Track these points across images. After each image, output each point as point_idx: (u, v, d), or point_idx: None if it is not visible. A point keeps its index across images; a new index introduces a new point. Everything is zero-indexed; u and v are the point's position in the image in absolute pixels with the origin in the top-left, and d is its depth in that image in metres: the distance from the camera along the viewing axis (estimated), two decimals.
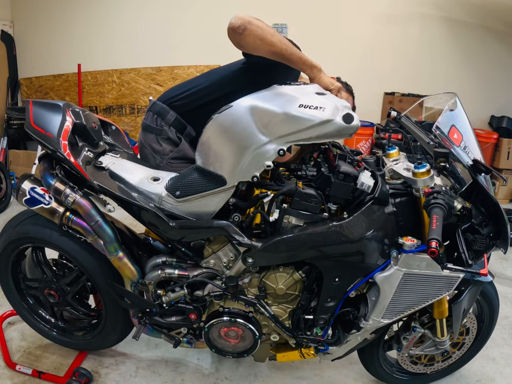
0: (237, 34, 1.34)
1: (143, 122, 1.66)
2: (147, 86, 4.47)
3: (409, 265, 1.27)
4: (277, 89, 1.30)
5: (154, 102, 1.65)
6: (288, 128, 1.21)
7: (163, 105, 1.62)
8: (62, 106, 1.42)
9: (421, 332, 1.50)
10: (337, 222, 1.25)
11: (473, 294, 1.47)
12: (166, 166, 1.59)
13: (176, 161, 1.60)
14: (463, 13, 4.11)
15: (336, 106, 1.21)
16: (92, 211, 1.41)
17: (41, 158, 1.51)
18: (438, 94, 1.53)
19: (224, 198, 1.33)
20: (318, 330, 1.44)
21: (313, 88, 1.34)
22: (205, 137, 1.34)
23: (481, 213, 1.21)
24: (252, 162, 1.25)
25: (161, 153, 1.60)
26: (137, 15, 4.30)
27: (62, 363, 1.80)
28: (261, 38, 1.34)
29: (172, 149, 1.60)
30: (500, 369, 1.90)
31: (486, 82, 4.30)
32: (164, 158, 1.60)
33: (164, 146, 1.60)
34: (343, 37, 4.22)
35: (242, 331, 1.46)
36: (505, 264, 2.92)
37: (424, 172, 1.20)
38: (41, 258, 1.69)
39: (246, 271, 1.41)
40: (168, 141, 1.61)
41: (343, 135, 1.22)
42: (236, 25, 1.33)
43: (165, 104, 1.62)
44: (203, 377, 1.80)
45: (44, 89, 4.63)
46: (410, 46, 4.21)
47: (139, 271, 1.49)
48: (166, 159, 1.60)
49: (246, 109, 1.23)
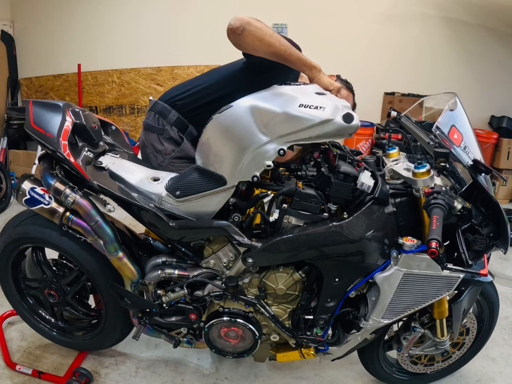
0: (235, 35, 1.35)
1: (145, 121, 1.66)
2: (147, 86, 4.46)
3: (409, 266, 1.27)
4: (277, 89, 1.30)
5: (156, 101, 1.65)
6: (288, 128, 1.21)
7: (165, 105, 1.62)
8: (62, 106, 1.42)
9: (421, 332, 1.50)
10: (337, 222, 1.25)
11: (473, 294, 1.47)
12: (167, 166, 1.59)
13: (178, 160, 1.60)
14: (463, 13, 4.11)
15: (336, 106, 1.21)
16: (92, 211, 1.41)
17: (41, 158, 1.51)
18: (438, 94, 1.53)
19: (224, 198, 1.33)
20: (318, 331, 1.44)
21: (313, 88, 1.34)
22: (205, 137, 1.34)
23: (481, 213, 1.21)
24: (252, 162, 1.25)
25: (163, 152, 1.60)
26: (137, 15, 4.29)
27: (62, 363, 1.80)
28: (259, 38, 1.34)
29: (173, 149, 1.60)
30: (500, 369, 1.90)
31: (486, 82, 4.29)
32: (166, 158, 1.60)
33: (165, 146, 1.60)
34: (343, 37, 4.22)
35: (242, 331, 1.46)
36: (505, 264, 2.92)
37: (424, 172, 1.20)
38: (41, 258, 1.69)
39: (246, 271, 1.41)
40: (170, 140, 1.61)
41: (343, 134, 1.22)
42: (234, 26, 1.33)
43: (166, 103, 1.62)
44: (203, 377, 1.80)
45: (44, 89, 4.63)
46: (410, 46, 4.21)
47: (139, 271, 1.49)
48: (168, 158, 1.60)
49: (246, 109, 1.23)
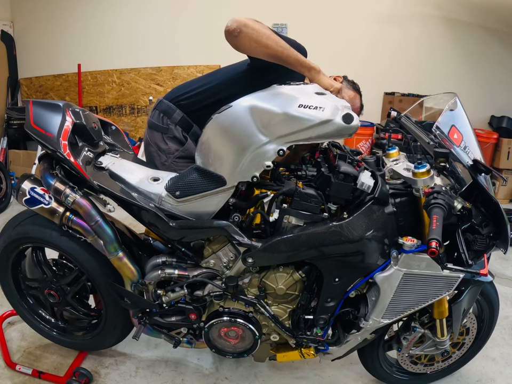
0: (232, 37, 1.35)
1: (149, 120, 1.66)
2: (147, 86, 4.47)
3: (409, 265, 1.27)
4: (276, 89, 1.30)
5: (161, 100, 1.64)
6: (288, 128, 1.21)
7: (169, 104, 1.61)
8: (62, 106, 1.42)
9: (421, 332, 1.50)
10: (337, 222, 1.25)
11: (473, 294, 1.47)
12: (171, 165, 1.59)
13: (181, 160, 1.60)
14: (463, 13, 4.11)
15: (336, 106, 1.21)
16: (92, 211, 1.41)
17: (41, 158, 1.51)
18: (438, 94, 1.53)
19: (224, 198, 1.33)
20: (318, 330, 1.44)
21: (313, 88, 1.33)
22: (205, 137, 1.34)
23: (481, 213, 1.21)
24: (252, 162, 1.24)
25: (166, 152, 1.60)
26: (137, 15, 4.30)
27: (62, 363, 1.80)
28: (256, 40, 1.34)
29: (177, 148, 1.60)
30: (500, 369, 1.90)
31: (486, 82, 4.29)
32: (169, 157, 1.60)
33: (169, 145, 1.60)
34: (343, 37, 4.22)
35: (242, 331, 1.46)
36: (505, 264, 2.92)
37: (424, 172, 1.20)
38: (41, 258, 1.69)
39: (246, 271, 1.41)
40: (174, 139, 1.60)
41: (343, 135, 1.22)
42: (231, 28, 1.33)
43: (171, 102, 1.62)
44: (203, 377, 1.80)
45: (44, 89, 4.63)
46: (410, 46, 4.21)
47: (139, 271, 1.49)
48: (171, 158, 1.59)
49: (245, 109, 1.23)
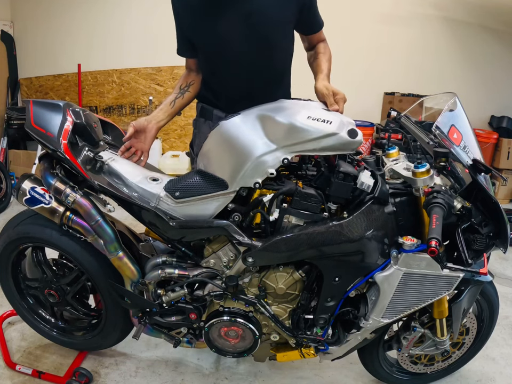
0: None
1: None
2: (147, 86, 4.47)
3: (409, 265, 1.27)
4: (284, 103, 1.35)
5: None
6: (295, 138, 1.24)
7: None
8: (62, 106, 1.42)
9: (421, 332, 1.50)
10: (337, 221, 1.25)
11: (473, 293, 1.47)
12: None
13: None
14: (463, 13, 4.11)
15: (342, 121, 1.25)
16: (92, 211, 1.41)
17: (41, 158, 1.51)
18: (437, 94, 1.53)
19: (223, 203, 1.34)
20: (318, 330, 1.44)
21: (319, 105, 1.38)
22: (210, 142, 1.36)
23: (481, 213, 1.22)
24: (256, 169, 1.26)
25: None
26: (137, 15, 4.29)
27: (62, 363, 1.80)
28: None
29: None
30: (500, 369, 1.90)
31: (486, 82, 4.29)
32: None
33: None
34: (343, 37, 4.19)
35: (242, 331, 1.46)
36: (505, 264, 2.92)
37: (424, 172, 1.20)
38: (41, 258, 1.69)
39: (246, 270, 1.41)
40: None
41: (346, 149, 1.25)
42: None
43: None
44: (203, 377, 1.80)
45: (43, 89, 4.63)
46: (411, 46, 4.21)
47: (139, 271, 1.49)
48: None
49: (253, 117, 1.28)
